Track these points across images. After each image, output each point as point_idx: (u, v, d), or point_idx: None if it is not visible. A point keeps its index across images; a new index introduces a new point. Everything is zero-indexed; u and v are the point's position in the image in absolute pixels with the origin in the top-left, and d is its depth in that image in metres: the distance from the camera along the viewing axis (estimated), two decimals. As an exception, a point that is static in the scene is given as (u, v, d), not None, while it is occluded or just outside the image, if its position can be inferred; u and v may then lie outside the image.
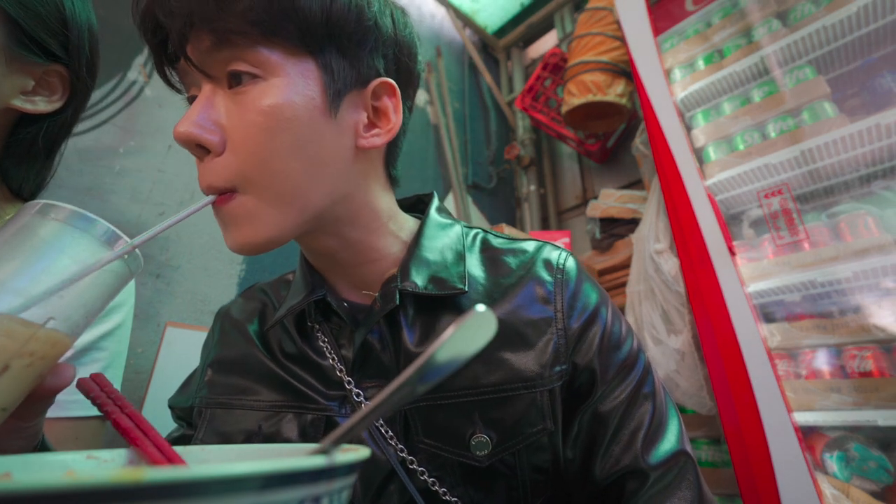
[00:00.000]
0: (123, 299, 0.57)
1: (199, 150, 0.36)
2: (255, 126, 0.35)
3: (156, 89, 1.16)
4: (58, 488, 0.12)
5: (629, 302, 1.28)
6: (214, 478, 0.14)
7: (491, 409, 0.41)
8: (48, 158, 0.56)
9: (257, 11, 0.34)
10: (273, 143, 0.35)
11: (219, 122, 0.36)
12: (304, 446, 0.26)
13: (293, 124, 0.36)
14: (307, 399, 0.44)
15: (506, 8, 2.44)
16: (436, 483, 0.41)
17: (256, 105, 0.35)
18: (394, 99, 0.43)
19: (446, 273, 0.45)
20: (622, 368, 0.45)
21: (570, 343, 0.44)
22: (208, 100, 0.36)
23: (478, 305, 0.18)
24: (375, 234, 0.45)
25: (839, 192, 1.07)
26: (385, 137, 0.42)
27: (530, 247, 0.50)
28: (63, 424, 0.50)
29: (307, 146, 0.37)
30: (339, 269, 0.47)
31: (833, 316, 0.97)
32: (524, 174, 2.21)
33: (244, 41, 0.35)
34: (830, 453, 0.87)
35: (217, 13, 0.34)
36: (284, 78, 0.36)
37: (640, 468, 0.41)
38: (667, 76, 1.29)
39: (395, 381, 0.19)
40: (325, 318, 0.46)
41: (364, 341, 0.44)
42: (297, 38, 0.36)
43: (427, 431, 0.41)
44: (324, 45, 0.38)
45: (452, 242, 0.48)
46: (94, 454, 0.26)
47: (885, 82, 1.01)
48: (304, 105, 0.37)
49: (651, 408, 0.44)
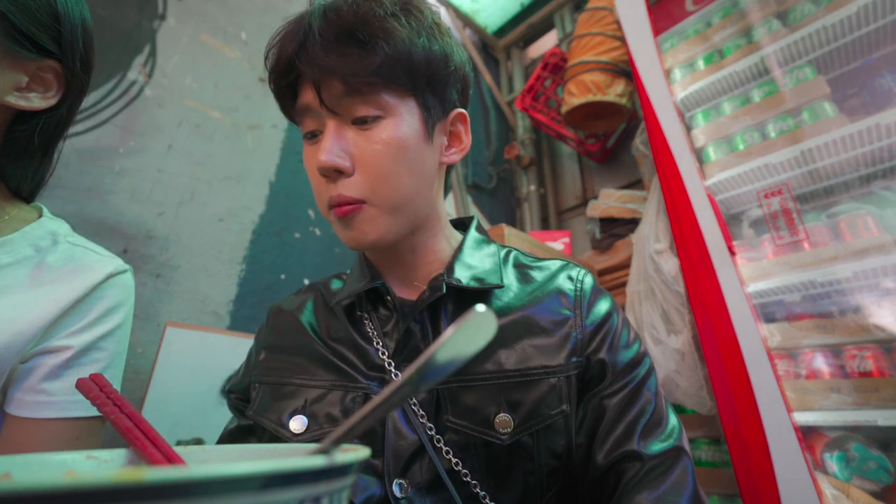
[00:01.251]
0: (123, 299, 0.57)
1: (336, 174, 0.46)
2: (382, 154, 0.46)
3: (156, 89, 1.16)
4: (58, 488, 0.12)
5: (629, 302, 1.28)
6: (214, 478, 0.14)
7: (514, 391, 0.46)
8: (45, 156, 0.56)
9: (383, 67, 0.44)
10: (394, 166, 0.46)
11: (348, 151, 0.46)
12: (303, 446, 0.26)
13: (407, 151, 0.47)
14: (350, 378, 0.50)
15: (506, 8, 2.44)
16: (459, 464, 0.45)
17: (381, 138, 0.46)
18: (465, 125, 0.55)
19: (485, 275, 0.53)
20: (629, 365, 0.50)
21: (585, 340, 0.50)
22: (337, 134, 0.46)
23: (478, 306, 0.18)
24: (436, 238, 0.55)
25: (839, 192, 1.07)
26: (460, 155, 0.54)
27: (555, 265, 0.58)
28: (63, 425, 0.50)
29: (415, 167, 0.48)
30: (398, 268, 0.55)
31: (833, 316, 0.97)
32: (524, 174, 2.21)
33: (369, 90, 0.45)
34: (830, 453, 0.87)
35: (353, 69, 0.44)
36: (399, 116, 0.47)
37: (638, 453, 0.45)
38: (667, 76, 1.29)
39: (395, 381, 0.19)
40: (373, 309, 0.54)
41: (407, 328, 0.50)
42: (408, 83, 0.47)
43: (455, 411, 0.46)
44: (423, 88, 0.48)
45: (490, 255, 0.56)
46: (94, 454, 0.26)
47: (885, 82, 1.01)
48: (413, 136, 0.47)
49: (653, 402, 0.49)
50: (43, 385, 0.49)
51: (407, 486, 0.44)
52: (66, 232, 0.57)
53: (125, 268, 0.58)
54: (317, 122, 0.48)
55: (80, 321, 0.52)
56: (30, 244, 0.53)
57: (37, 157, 0.55)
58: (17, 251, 0.51)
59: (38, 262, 0.52)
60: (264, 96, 1.38)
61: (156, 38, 1.19)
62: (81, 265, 0.54)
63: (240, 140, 1.29)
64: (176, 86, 1.20)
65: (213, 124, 1.25)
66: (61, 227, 0.57)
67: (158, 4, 1.22)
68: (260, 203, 1.29)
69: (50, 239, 0.55)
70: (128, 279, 0.59)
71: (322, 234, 1.40)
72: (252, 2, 1.44)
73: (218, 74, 1.29)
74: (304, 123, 0.50)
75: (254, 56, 1.39)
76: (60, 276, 0.52)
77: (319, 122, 0.48)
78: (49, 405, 0.49)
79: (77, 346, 0.51)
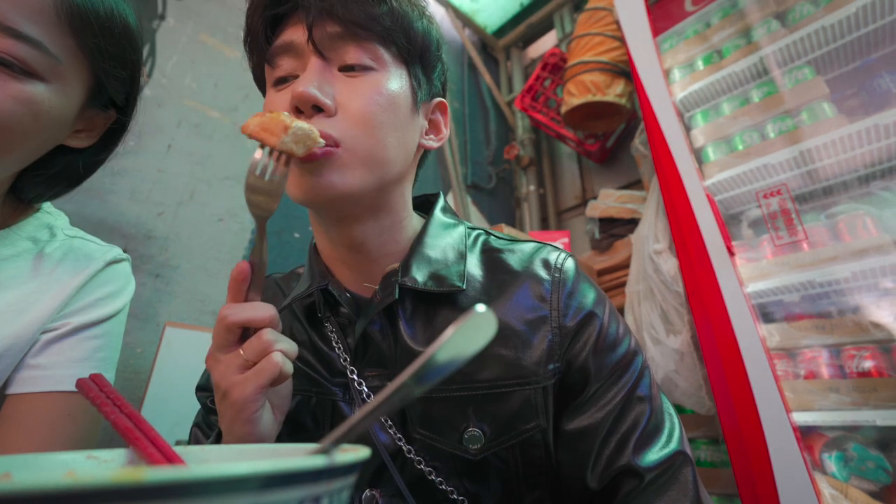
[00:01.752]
0: (122, 285, 0.57)
1: (312, 109, 0.41)
2: (370, 101, 0.42)
3: (155, 89, 1.16)
4: (58, 488, 0.12)
5: (628, 302, 1.28)
6: (214, 478, 0.14)
7: (485, 404, 0.43)
8: (70, 188, 0.56)
9: (385, 17, 0.43)
10: (381, 115, 0.43)
11: (331, 92, 0.42)
12: (303, 446, 0.26)
13: (397, 109, 0.44)
14: (315, 384, 0.47)
15: (505, 8, 2.44)
16: (432, 472, 0.43)
17: (371, 87, 0.43)
18: (445, 115, 0.54)
19: (446, 271, 0.47)
20: (616, 368, 0.45)
21: (564, 341, 0.45)
22: (321, 74, 0.42)
23: (478, 305, 0.18)
24: (399, 226, 0.49)
25: (838, 192, 1.07)
26: (437, 144, 0.52)
27: (529, 247, 0.51)
28: (55, 399, 0.47)
29: (400, 129, 0.45)
30: (355, 262, 0.49)
31: (832, 316, 0.97)
32: (524, 174, 2.21)
33: (366, 36, 0.43)
34: (829, 453, 0.88)
35: (356, 11, 0.42)
36: (390, 73, 0.44)
37: (633, 468, 0.40)
38: (666, 76, 1.29)
39: (395, 381, 0.19)
40: (333, 310, 0.49)
41: (364, 332, 0.46)
42: (404, 48, 0.45)
43: (422, 423, 0.43)
44: (415, 61, 0.47)
45: (454, 242, 0.51)
46: (94, 454, 0.26)
47: (884, 83, 1.01)
48: (402, 97, 0.45)
49: (648, 410, 0.43)
50: (37, 359, 0.48)
51: (378, 496, 0.43)
52: (62, 224, 0.57)
53: (124, 256, 0.58)
54: (295, 64, 0.44)
55: (80, 302, 0.52)
56: (27, 237, 0.52)
57: (61, 187, 0.55)
58: (17, 244, 0.51)
59: (38, 254, 0.52)
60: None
61: (155, 37, 1.19)
62: (81, 254, 0.54)
63: (239, 140, 1.29)
64: (175, 86, 1.20)
65: (212, 124, 1.24)
66: (58, 219, 0.57)
67: (158, 4, 1.22)
68: (259, 203, 1.29)
69: (47, 231, 0.54)
70: (126, 268, 0.59)
71: (321, 234, 1.40)
72: (251, 2, 1.44)
73: (217, 74, 1.29)
74: (277, 66, 0.45)
75: (253, 56, 1.39)
76: (61, 265, 0.52)
77: (299, 64, 0.44)
78: (42, 379, 0.48)
79: (75, 322, 0.51)
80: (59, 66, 0.43)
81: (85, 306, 0.52)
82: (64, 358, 0.49)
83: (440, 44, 0.51)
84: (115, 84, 0.49)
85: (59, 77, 0.43)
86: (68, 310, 0.51)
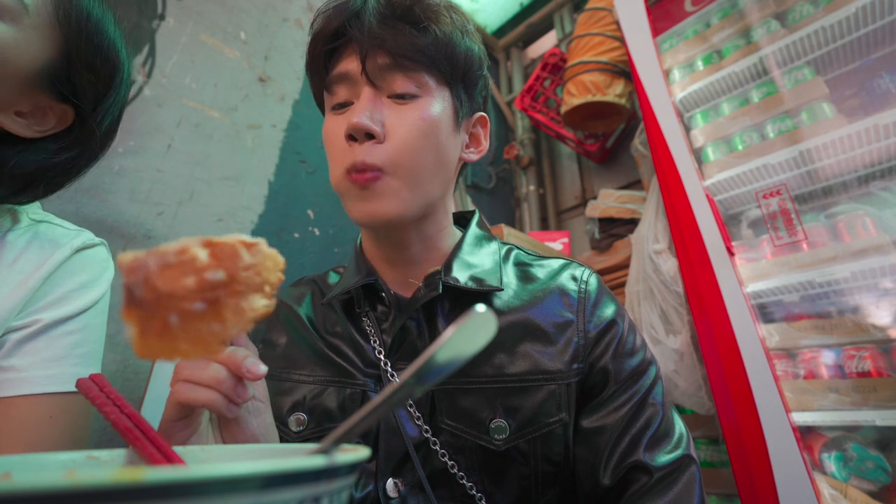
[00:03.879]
0: (96, 274, 0.52)
1: (365, 137, 0.46)
2: (414, 127, 0.46)
3: (155, 89, 1.16)
4: (58, 488, 0.12)
5: (628, 302, 1.28)
6: (214, 478, 0.14)
7: (512, 397, 0.46)
8: (45, 195, 0.52)
9: (430, 48, 0.47)
10: (423, 140, 0.47)
11: (381, 120, 0.46)
12: (303, 446, 0.26)
13: (438, 132, 0.48)
14: (347, 375, 0.50)
15: (505, 8, 2.44)
16: (454, 466, 0.45)
17: (416, 114, 0.47)
18: (485, 128, 0.58)
19: (485, 275, 0.52)
20: (633, 374, 0.49)
21: (588, 345, 0.49)
22: (372, 102, 0.47)
23: (478, 306, 0.18)
24: (441, 234, 0.55)
25: (837, 192, 1.07)
26: (478, 156, 0.56)
27: (557, 263, 0.57)
28: (35, 402, 0.44)
29: (441, 148, 0.49)
30: (398, 262, 0.54)
31: (831, 316, 0.97)
32: (523, 174, 2.21)
33: (412, 66, 0.47)
34: (828, 453, 0.88)
35: (403, 44, 0.46)
36: (434, 98, 0.49)
37: (644, 464, 0.43)
38: (666, 76, 1.29)
39: (395, 381, 0.19)
40: (371, 306, 0.53)
41: (403, 326, 0.50)
42: (447, 71, 0.49)
43: (451, 413, 0.46)
44: (458, 81, 0.51)
45: (490, 253, 0.56)
46: (94, 454, 0.26)
47: (884, 83, 1.01)
48: (444, 120, 0.49)
49: (659, 415, 0.47)
50: (9, 361, 0.44)
51: (400, 485, 0.44)
52: (30, 209, 0.52)
53: (97, 241, 0.54)
54: (350, 92, 0.49)
55: (48, 296, 0.47)
56: None
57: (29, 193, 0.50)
58: None
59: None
60: (263, 96, 1.37)
61: (155, 37, 1.18)
62: (46, 241, 0.50)
63: (239, 140, 1.29)
64: (175, 85, 1.19)
65: (212, 124, 1.24)
66: (26, 206, 0.52)
67: (157, 4, 1.21)
68: (259, 203, 1.29)
69: (9, 217, 0.50)
70: (100, 252, 0.54)
71: (321, 234, 1.40)
72: (251, 1, 1.44)
73: (217, 74, 1.29)
74: (335, 93, 0.50)
75: (253, 56, 1.39)
76: (24, 254, 0.48)
77: (353, 92, 0.48)
78: (17, 382, 0.44)
79: (46, 319, 0.46)
80: (24, 14, 0.39)
81: (55, 300, 0.48)
82: (39, 358, 0.45)
83: (482, 61, 0.54)
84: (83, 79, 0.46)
85: (20, 24, 0.40)
86: (37, 305, 0.47)
